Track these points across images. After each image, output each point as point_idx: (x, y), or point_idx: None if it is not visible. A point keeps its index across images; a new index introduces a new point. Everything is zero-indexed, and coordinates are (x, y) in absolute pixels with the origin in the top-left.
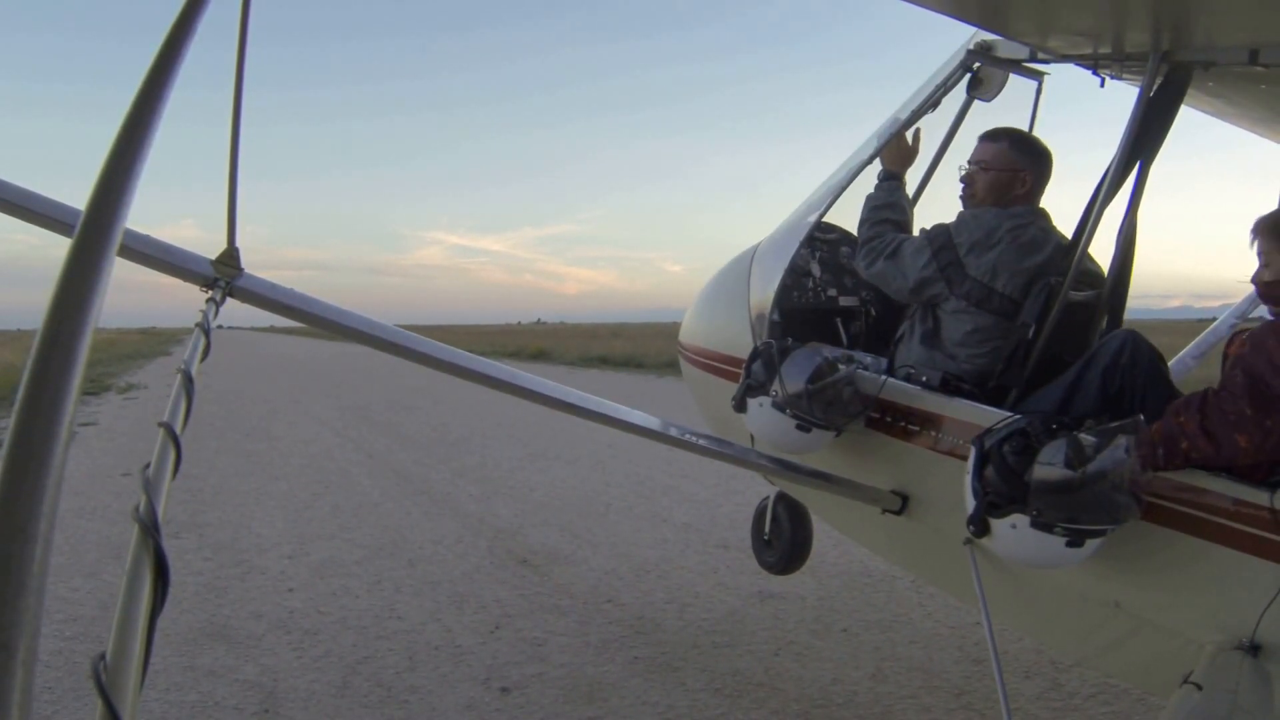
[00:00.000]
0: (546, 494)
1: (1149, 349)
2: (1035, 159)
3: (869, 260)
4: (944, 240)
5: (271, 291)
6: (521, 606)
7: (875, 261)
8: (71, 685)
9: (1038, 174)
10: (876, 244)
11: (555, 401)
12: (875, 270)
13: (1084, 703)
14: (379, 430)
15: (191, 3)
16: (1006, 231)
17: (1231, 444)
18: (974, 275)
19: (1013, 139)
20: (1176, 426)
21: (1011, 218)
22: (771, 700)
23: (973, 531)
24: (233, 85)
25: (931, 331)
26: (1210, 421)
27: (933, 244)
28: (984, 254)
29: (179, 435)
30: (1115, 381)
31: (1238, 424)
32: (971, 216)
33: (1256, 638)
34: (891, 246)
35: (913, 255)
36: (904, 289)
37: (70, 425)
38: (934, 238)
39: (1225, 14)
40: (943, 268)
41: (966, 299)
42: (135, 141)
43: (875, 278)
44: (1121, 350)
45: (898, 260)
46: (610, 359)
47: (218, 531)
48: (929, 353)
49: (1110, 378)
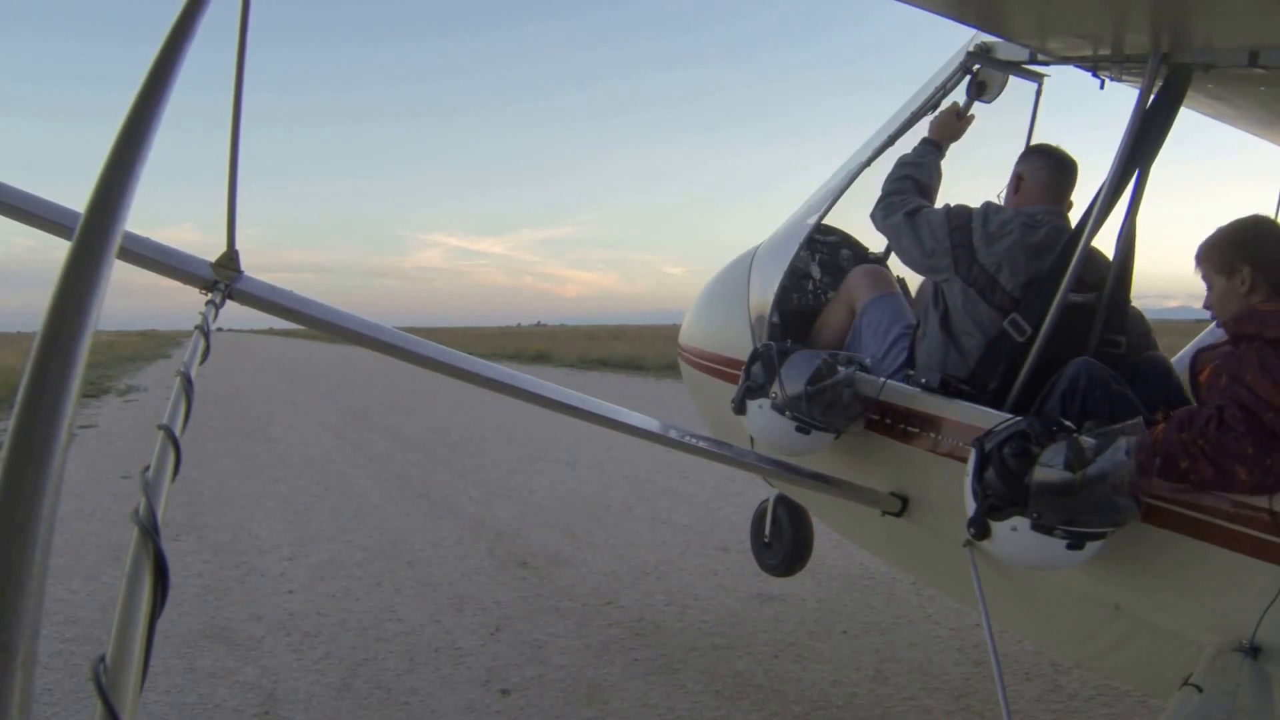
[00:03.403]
0: (546, 496)
1: (1103, 373)
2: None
3: (886, 212)
4: (963, 221)
5: (271, 294)
6: (521, 608)
7: (892, 215)
8: (71, 687)
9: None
10: (897, 200)
11: (555, 403)
12: (891, 223)
13: (1084, 705)
14: (378, 432)
15: (191, 5)
16: (1019, 226)
17: (1231, 475)
18: (982, 262)
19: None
20: (1179, 445)
21: (1028, 216)
22: (771, 702)
23: (973, 534)
24: (232, 87)
25: (945, 316)
26: (1213, 451)
27: (951, 221)
28: (994, 244)
29: (178, 438)
30: (1075, 406)
31: (1238, 458)
32: (994, 208)
33: (1256, 639)
34: (912, 207)
35: (932, 225)
36: (914, 255)
37: (70, 427)
38: (954, 215)
39: (1225, 16)
40: (954, 247)
41: (973, 285)
42: (135, 144)
43: (888, 231)
44: (1077, 377)
45: (915, 224)
46: (610, 361)
47: (217, 533)
48: (944, 337)
49: (1069, 403)
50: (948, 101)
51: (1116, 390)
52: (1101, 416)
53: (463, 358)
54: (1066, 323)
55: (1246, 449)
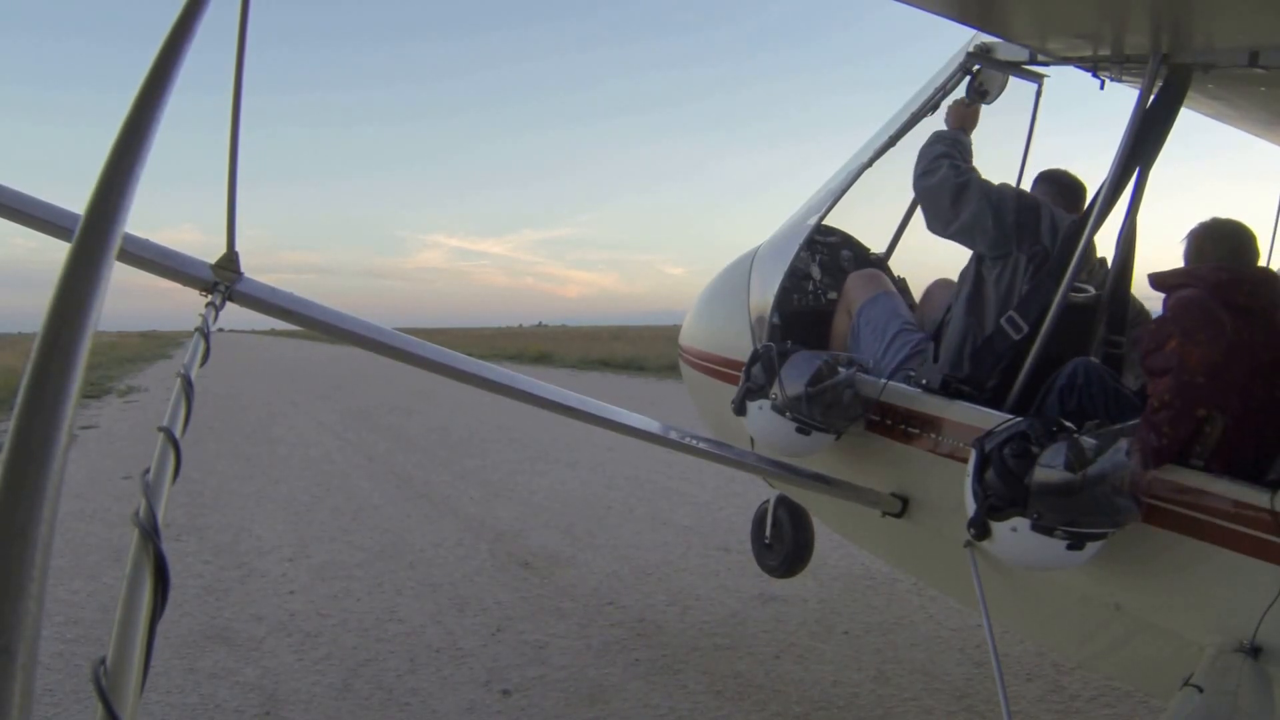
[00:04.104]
0: (547, 496)
1: (1100, 371)
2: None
3: (931, 169)
4: (1035, 203)
5: (271, 295)
6: (523, 609)
7: (938, 173)
8: (72, 688)
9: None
10: (945, 162)
11: (555, 405)
12: (935, 180)
13: (1085, 705)
14: (379, 433)
15: (190, 6)
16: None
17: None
18: (1045, 244)
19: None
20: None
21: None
22: (773, 703)
23: (973, 534)
24: (232, 88)
25: (974, 294)
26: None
27: (1021, 199)
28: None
29: (179, 439)
30: (1072, 404)
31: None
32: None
33: (1257, 640)
34: (965, 172)
35: (986, 194)
36: (951, 215)
37: (70, 427)
38: (1024, 195)
39: (1225, 16)
40: (1019, 223)
41: (1030, 259)
42: (135, 145)
43: (930, 187)
44: (1075, 374)
45: (967, 190)
46: (611, 362)
47: (218, 534)
48: (967, 319)
49: (1066, 400)
50: (948, 101)
51: (1114, 389)
52: (1099, 415)
53: (463, 359)
54: (1066, 322)
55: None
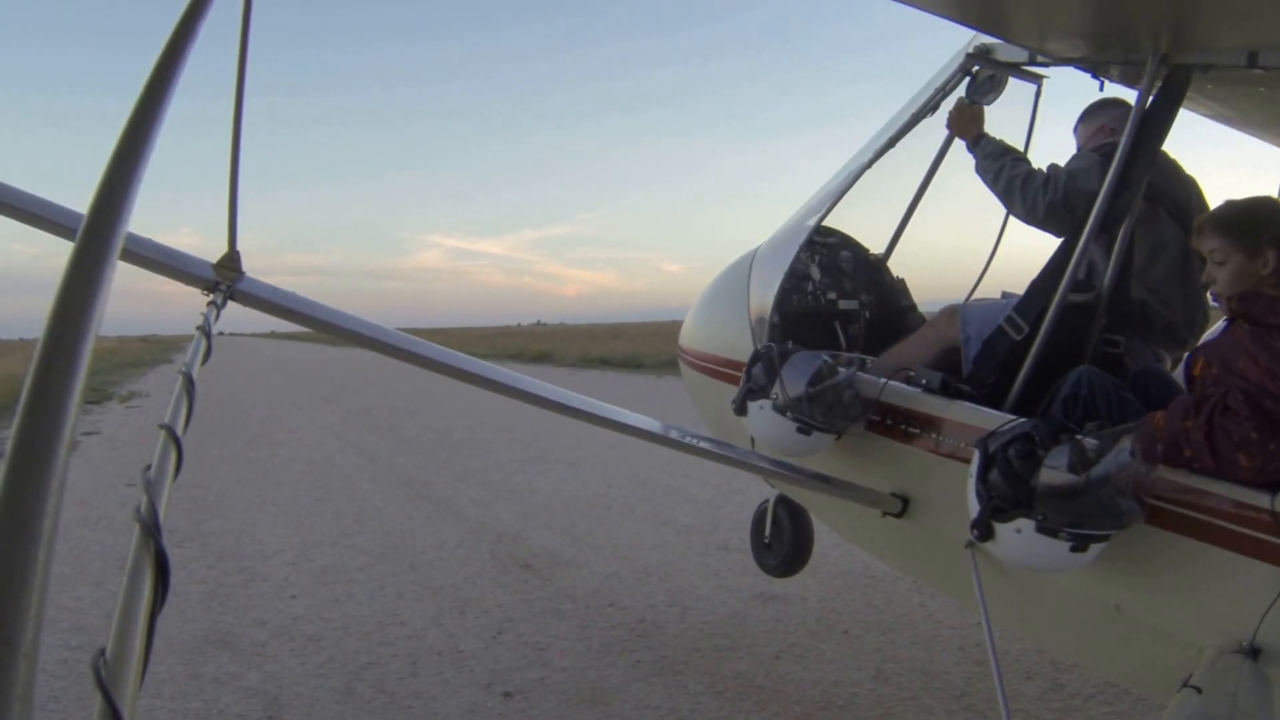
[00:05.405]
0: (548, 497)
1: (1104, 380)
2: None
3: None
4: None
5: (272, 295)
6: (524, 610)
7: (1021, 179)
8: (77, 694)
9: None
10: (1030, 170)
11: (556, 405)
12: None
13: (1085, 704)
14: (380, 435)
15: (192, 9)
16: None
17: (1234, 463)
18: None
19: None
20: (1182, 432)
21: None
22: (773, 703)
23: (976, 535)
24: (233, 91)
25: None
26: (1215, 439)
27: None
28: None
29: (180, 437)
30: (1077, 413)
31: (1242, 445)
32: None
33: (1256, 641)
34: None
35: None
36: (1059, 198)
37: (74, 423)
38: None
39: (1224, 17)
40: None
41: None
42: (137, 147)
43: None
44: (1079, 384)
45: (1073, 174)
46: (611, 360)
47: (220, 539)
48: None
49: (1071, 410)
50: (948, 102)
51: (1118, 396)
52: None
53: (464, 359)
54: (1066, 322)
55: (1250, 435)
